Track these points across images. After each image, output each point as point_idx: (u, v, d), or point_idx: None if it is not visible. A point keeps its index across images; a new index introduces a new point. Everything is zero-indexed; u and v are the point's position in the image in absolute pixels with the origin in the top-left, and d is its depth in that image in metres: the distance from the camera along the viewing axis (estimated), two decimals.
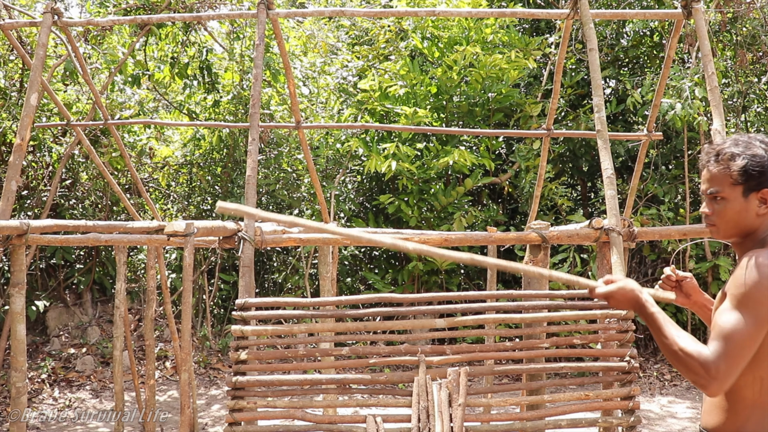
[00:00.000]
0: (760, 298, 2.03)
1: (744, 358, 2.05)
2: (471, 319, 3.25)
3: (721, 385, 2.04)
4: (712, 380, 2.03)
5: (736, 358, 2.04)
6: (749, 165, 2.15)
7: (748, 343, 2.04)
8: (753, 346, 2.05)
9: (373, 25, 10.52)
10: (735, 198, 2.19)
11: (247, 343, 3.20)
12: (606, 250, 3.86)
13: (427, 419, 2.99)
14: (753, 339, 2.04)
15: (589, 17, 4.17)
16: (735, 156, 2.18)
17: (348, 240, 4.30)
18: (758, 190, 2.16)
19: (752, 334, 2.04)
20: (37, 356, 8.95)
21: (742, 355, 2.04)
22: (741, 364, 2.05)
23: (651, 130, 5.60)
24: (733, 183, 2.18)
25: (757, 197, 2.17)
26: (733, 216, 2.22)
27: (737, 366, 2.04)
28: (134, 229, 4.35)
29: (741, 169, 2.16)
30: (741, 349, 2.04)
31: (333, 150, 10.13)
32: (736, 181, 2.17)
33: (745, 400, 2.17)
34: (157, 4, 8.37)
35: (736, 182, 2.18)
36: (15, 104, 8.75)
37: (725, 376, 2.04)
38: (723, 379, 2.03)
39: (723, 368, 2.03)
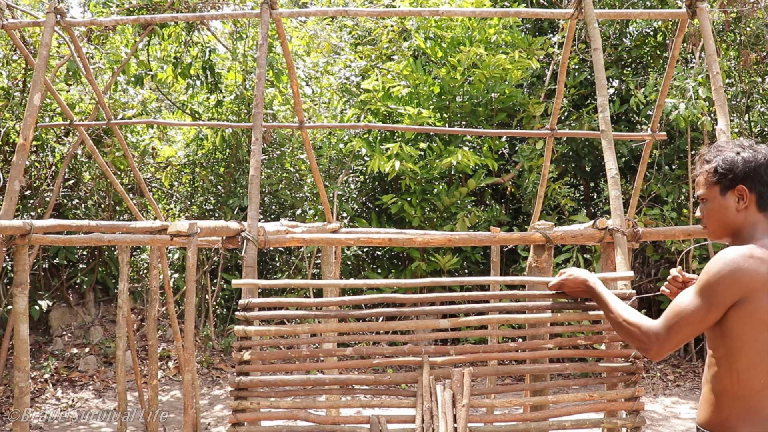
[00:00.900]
0: (715, 285, 2.18)
1: (685, 332, 2.26)
2: (474, 320, 3.24)
3: (659, 349, 2.29)
4: (652, 344, 2.29)
5: (678, 329, 2.25)
6: (719, 164, 2.33)
7: (694, 320, 2.22)
8: (698, 324, 2.23)
9: (376, 25, 10.51)
10: (714, 197, 2.36)
11: (250, 343, 3.19)
12: (610, 250, 3.85)
13: (431, 420, 2.98)
14: (700, 318, 2.23)
15: (593, 17, 4.16)
16: (709, 159, 2.38)
17: (350, 240, 4.29)
18: (733, 187, 2.32)
19: (700, 314, 2.21)
20: (40, 356, 8.96)
21: (684, 329, 2.25)
22: (682, 336, 2.26)
23: (655, 130, 5.58)
24: (711, 183, 2.37)
25: (735, 194, 2.32)
26: (716, 215, 2.38)
27: (677, 336, 2.26)
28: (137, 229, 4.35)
29: (712, 169, 2.35)
30: (686, 324, 2.24)
31: (336, 150, 10.12)
32: (713, 182, 2.36)
33: (727, 393, 2.25)
34: (160, 4, 8.37)
35: (713, 182, 2.36)
36: (18, 104, 8.75)
37: (664, 342, 2.27)
38: (662, 344, 2.28)
39: (663, 335, 2.27)
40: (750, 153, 2.31)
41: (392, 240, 4.16)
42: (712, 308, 2.19)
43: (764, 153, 2.31)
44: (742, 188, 2.30)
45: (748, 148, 2.33)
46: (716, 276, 2.17)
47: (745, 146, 2.34)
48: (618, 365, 3.18)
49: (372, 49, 10.46)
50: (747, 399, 2.20)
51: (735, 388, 2.22)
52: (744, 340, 2.18)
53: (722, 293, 2.17)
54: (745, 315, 2.16)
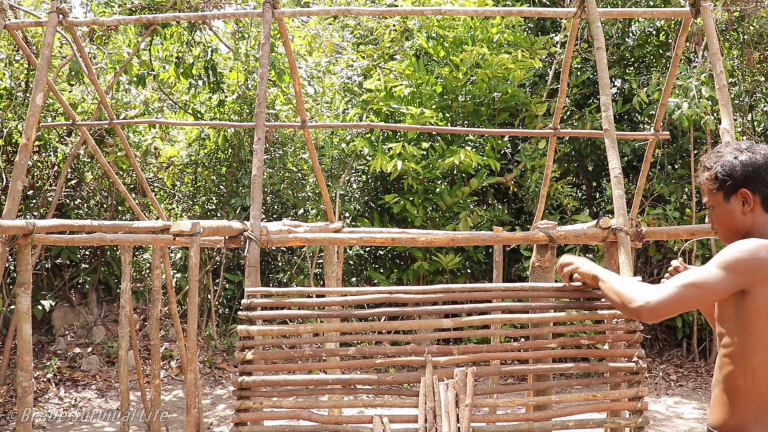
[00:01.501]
0: (731, 262, 2.15)
1: (686, 293, 2.19)
2: (477, 319, 3.23)
3: (653, 310, 2.22)
4: (647, 302, 2.23)
5: (679, 288, 2.20)
6: (718, 171, 2.33)
7: (699, 283, 2.18)
8: (700, 289, 2.17)
9: (378, 25, 10.51)
10: (719, 204, 2.36)
11: (252, 343, 3.19)
12: (613, 249, 3.84)
13: (434, 420, 2.97)
14: (704, 283, 2.17)
15: (596, 16, 4.15)
16: (709, 166, 2.37)
17: (353, 240, 4.29)
18: (735, 192, 2.31)
19: (706, 280, 2.17)
20: (42, 356, 8.97)
21: (686, 289, 2.19)
22: (684, 299, 2.19)
23: (658, 130, 5.57)
24: (713, 190, 2.37)
25: (738, 198, 2.31)
26: (723, 221, 2.38)
27: (678, 300, 2.19)
28: (139, 229, 4.35)
29: (713, 175, 2.35)
30: (689, 285, 2.19)
31: (338, 150, 10.12)
32: (715, 188, 2.35)
33: (741, 392, 2.21)
34: (162, 3, 8.37)
35: (715, 189, 2.36)
36: (21, 104, 8.76)
37: (658, 303, 2.21)
38: (656, 304, 2.21)
39: (662, 296, 2.21)
40: (748, 155, 2.31)
41: (395, 239, 4.15)
42: (724, 282, 2.15)
43: (763, 153, 2.31)
44: (744, 192, 2.30)
45: (746, 150, 2.32)
46: (737, 255, 2.16)
47: (743, 148, 2.33)
48: (621, 365, 3.17)
49: (374, 49, 10.46)
50: (762, 398, 2.17)
51: (750, 386, 2.18)
52: (760, 335, 2.15)
53: (738, 273, 2.14)
54: (760, 307, 2.14)
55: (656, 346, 9.85)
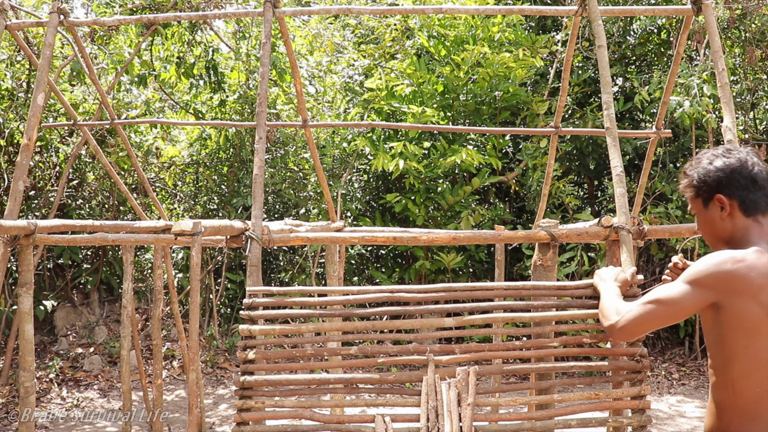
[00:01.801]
0: (700, 277, 2.16)
1: (655, 312, 2.23)
2: (479, 318, 3.23)
3: (622, 330, 2.29)
4: (616, 323, 2.31)
5: (649, 308, 2.24)
6: (694, 178, 2.34)
7: (667, 301, 2.21)
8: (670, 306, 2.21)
9: (379, 24, 10.50)
10: (700, 210, 2.37)
11: (254, 342, 3.19)
12: (615, 248, 3.83)
13: (436, 419, 2.97)
14: (674, 301, 2.20)
15: (597, 14, 4.14)
16: (688, 173, 2.39)
17: (355, 239, 4.29)
18: (712, 198, 2.30)
19: (676, 297, 2.19)
20: (45, 356, 8.97)
21: (656, 308, 2.23)
22: (650, 315, 2.24)
23: (660, 128, 5.56)
24: (693, 198, 2.37)
25: (716, 204, 2.30)
26: (705, 228, 2.38)
27: (646, 315, 2.24)
28: (141, 229, 4.35)
29: (690, 183, 2.37)
30: (658, 303, 2.23)
31: (339, 149, 10.12)
32: (693, 196, 2.37)
33: (724, 403, 2.22)
34: (163, 3, 8.37)
35: (694, 197, 2.37)
36: (22, 104, 8.77)
37: (627, 322, 2.27)
38: (625, 323, 2.28)
39: (631, 315, 2.27)
40: (723, 160, 2.29)
41: (397, 238, 4.15)
42: (690, 296, 2.17)
43: (738, 157, 2.28)
44: (720, 197, 2.28)
45: (722, 156, 2.30)
46: (703, 269, 2.16)
47: (719, 154, 2.32)
48: (623, 363, 3.17)
49: (375, 48, 10.45)
50: (745, 409, 2.17)
51: (732, 397, 2.19)
52: (736, 347, 2.15)
53: (704, 287, 2.15)
54: (734, 320, 2.13)
55: (658, 344, 9.84)
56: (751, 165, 2.27)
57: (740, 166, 2.26)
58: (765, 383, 2.14)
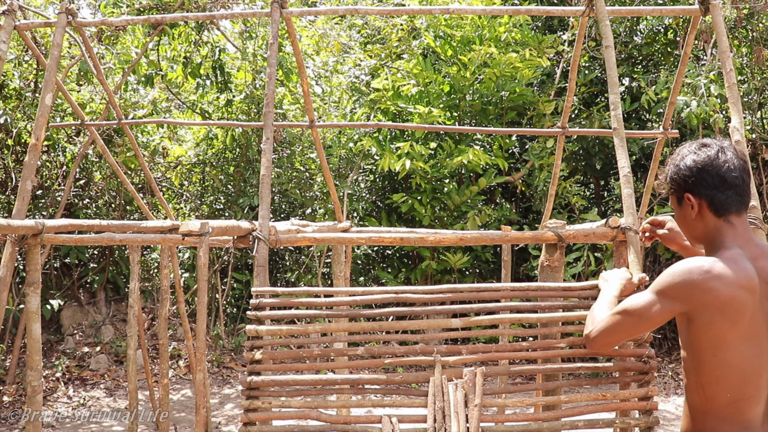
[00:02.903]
0: (665, 288, 2.14)
1: (624, 323, 2.24)
2: (486, 319, 3.23)
3: (593, 341, 2.32)
4: (589, 333, 2.33)
5: (617, 319, 2.25)
6: (668, 174, 2.30)
7: (634, 312, 2.21)
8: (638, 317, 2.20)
9: (386, 24, 10.50)
10: (676, 207, 2.32)
11: (261, 342, 3.19)
12: (623, 249, 3.82)
13: (443, 420, 2.97)
14: (640, 312, 2.20)
15: (604, 14, 4.13)
16: (663, 169, 2.35)
17: (361, 239, 4.28)
18: (683, 197, 2.25)
19: (643, 308, 2.19)
20: (51, 355, 9.00)
21: (625, 319, 2.24)
22: (620, 326, 2.25)
23: (667, 128, 5.55)
24: (670, 194, 2.32)
25: (687, 203, 2.24)
26: (681, 225, 2.36)
27: (615, 326, 2.26)
28: (148, 229, 4.35)
29: (664, 179, 2.32)
30: (626, 314, 2.24)
31: (346, 149, 10.12)
32: (669, 193, 2.32)
33: (696, 406, 2.23)
34: (170, 3, 8.39)
35: (669, 193, 2.32)
36: (30, 104, 8.79)
37: (597, 333, 2.30)
38: (596, 334, 2.30)
39: (600, 326, 2.29)
40: (692, 158, 2.21)
41: (404, 239, 4.15)
42: (656, 307, 2.15)
43: (708, 154, 2.20)
44: (687, 196, 2.23)
45: (693, 152, 2.23)
46: (669, 281, 2.13)
47: (692, 150, 2.25)
48: (631, 364, 3.16)
49: (381, 48, 10.45)
50: (716, 413, 2.16)
51: (702, 401, 2.19)
52: (703, 354, 2.14)
53: (671, 298, 2.12)
54: (700, 330, 2.12)
55: (665, 345, 9.80)
56: (722, 162, 2.17)
57: (709, 164, 2.17)
58: (736, 390, 2.11)
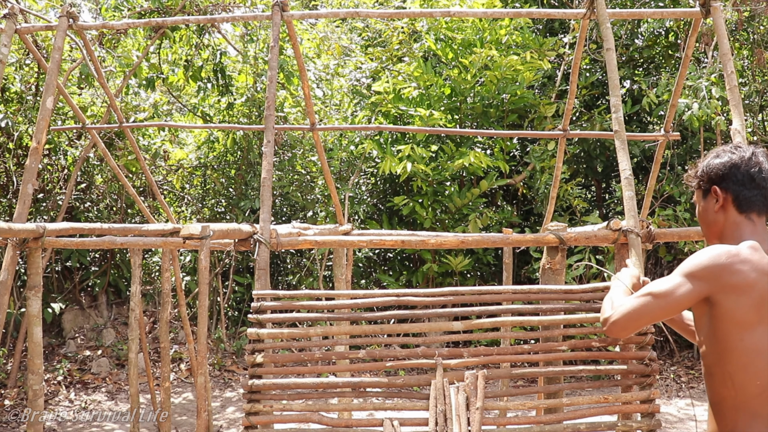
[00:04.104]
0: (692, 270, 2.17)
1: (649, 306, 2.23)
2: (487, 322, 3.22)
3: (614, 324, 2.27)
4: (609, 317, 2.29)
5: (643, 301, 2.24)
6: (698, 170, 2.43)
7: (660, 293, 2.21)
8: (663, 299, 2.20)
9: (387, 27, 10.51)
10: (700, 201, 2.44)
11: (262, 346, 3.19)
12: (624, 251, 3.82)
13: (445, 423, 2.96)
14: (666, 293, 2.20)
15: (605, 17, 4.13)
16: (694, 166, 2.47)
17: (363, 242, 4.28)
18: (709, 189, 2.37)
19: (669, 290, 2.20)
20: (53, 358, 9.00)
21: (649, 302, 2.23)
22: (644, 308, 2.23)
23: (668, 130, 5.54)
24: (695, 189, 2.46)
25: (712, 196, 2.36)
26: (701, 218, 2.45)
27: (640, 309, 2.23)
28: (149, 232, 4.35)
29: (694, 174, 2.45)
30: (651, 296, 2.23)
31: (347, 152, 10.12)
32: (696, 187, 2.45)
33: (726, 401, 2.19)
34: (171, 7, 8.39)
35: (696, 188, 2.44)
36: (31, 108, 8.80)
37: (620, 316, 2.26)
38: (618, 317, 2.27)
39: (623, 309, 2.26)
40: (726, 156, 2.35)
41: (405, 242, 4.14)
42: (684, 289, 2.17)
43: (741, 154, 2.33)
44: (715, 189, 2.34)
45: (727, 152, 2.36)
46: (697, 262, 2.17)
47: (725, 150, 2.38)
48: (633, 367, 3.16)
49: (382, 51, 10.46)
50: (747, 405, 2.14)
51: (732, 394, 2.16)
52: (730, 341, 2.14)
53: (699, 279, 2.15)
54: (726, 315, 2.13)
55: (667, 347, 9.79)
56: (753, 164, 2.30)
57: (741, 162, 2.31)
58: (764, 375, 2.12)
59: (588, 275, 9.24)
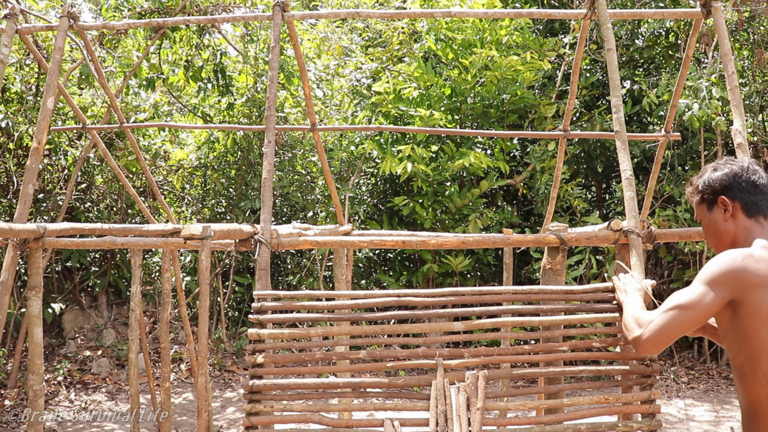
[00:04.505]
0: (714, 276, 2.20)
1: (678, 319, 2.22)
2: (488, 322, 3.22)
3: (647, 341, 2.26)
4: (641, 335, 2.29)
5: (670, 315, 2.23)
6: (699, 184, 2.51)
7: (688, 305, 2.21)
8: (692, 310, 2.20)
9: (387, 27, 10.51)
10: (704, 215, 2.50)
11: (263, 346, 3.18)
12: (625, 252, 3.82)
13: (445, 423, 2.96)
14: (694, 304, 2.21)
15: (606, 17, 4.13)
16: (693, 183, 2.55)
17: (363, 243, 4.28)
18: (716, 201, 2.44)
19: (695, 300, 2.21)
20: (53, 358, 9.00)
21: (677, 315, 2.23)
22: (674, 322, 2.23)
23: (669, 131, 5.54)
24: (698, 204, 2.53)
25: (719, 207, 2.43)
26: (710, 231, 2.50)
27: (669, 323, 2.23)
28: (149, 232, 4.35)
29: (695, 190, 2.52)
30: (679, 309, 2.23)
31: (347, 152, 10.13)
32: (699, 202, 2.52)
33: (761, 401, 2.19)
34: (171, 7, 8.39)
35: (699, 202, 2.51)
36: (31, 108, 8.80)
37: (651, 333, 2.25)
38: (650, 334, 2.26)
39: (654, 326, 2.25)
40: (726, 167, 2.46)
41: (405, 242, 4.14)
42: (709, 297, 2.19)
43: (739, 164, 2.45)
44: (722, 199, 2.42)
45: (724, 164, 2.47)
46: (716, 269, 2.21)
47: (721, 163, 2.49)
48: (633, 368, 3.15)
49: (383, 51, 10.46)
50: None
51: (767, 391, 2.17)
52: (759, 338, 2.15)
53: (720, 285, 2.18)
54: (753, 313, 2.16)
55: (666, 348, 9.79)
56: (753, 171, 2.43)
57: (742, 171, 2.43)
58: None
59: (588, 275, 9.24)
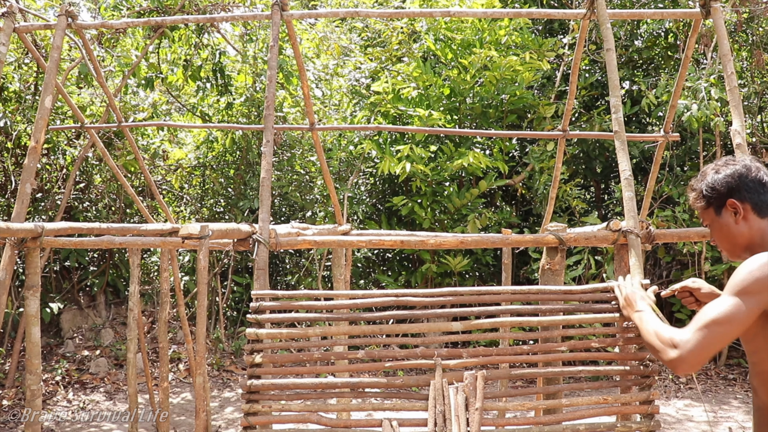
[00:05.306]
0: (748, 286, 2.09)
1: (715, 334, 2.10)
2: (486, 322, 3.21)
3: (685, 361, 2.12)
4: (679, 356, 2.12)
5: (706, 332, 2.10)
6: (702, 188, 2.41)
7: (723, 320, 2.09)
8: (728, 325, 2.09)
9: (386, 27, 10.50)
10: (713, 220, 2.40)
11: (261, 346, 3.18)
12: (624, 252, 3.81)
13: (444, 423, 2.95)
14: (730, 318, 2.09)
15: (606, 17, 4.13)
16: (695, 187, 2.46)
17: (362, 242, 4.27)
18: (724, 204, 2.35)
19: (731, 313, 2.09)
20: (51, 358, 8.98)
21: (714, 330, 2.10)
22: (711, 338, 2.09)
23: (668, 131, 5.54)
24: (704, 209, 2.43)
25: (728, 210, 2.34)
26: (721, 236, 2.40)
27: (706, 339, 2.09)
28: (148, 232, 4.34)
29: (699, 194, 2.43)
30: (714, 324, 2.10)
31: (346, 152, 10.12)
32: (704, 206, 2.41)
33: None
34: (170, 6, 8.38)
35: (705, 207, 2.41)
36: (30, 107, 8.79)
37: (692, 346, 2.10)
38: (688, 354, 2.11)
39: (689, 338, 2.11)
40: (729, 168, 2.37)
41: (404, 242, 4.13)
42: (743, 308, 2.09)
43: (743, 164, 2.36)
44: (732, 202, 2.33)
45: (725, 165, 2.38)
46: (748, 277, 2.11)
47: (722, 164, 2.40)
48: (632, 368, 3.15)
49: (382, 51, 10.45)
50: None
51: None
52: None
53: (754, 294, 2.08)
54: None
55: None
56: (756, 169, 2.35)
57: (747, 171, 2.33)
58: None
59: (587, 276, 9.23)
